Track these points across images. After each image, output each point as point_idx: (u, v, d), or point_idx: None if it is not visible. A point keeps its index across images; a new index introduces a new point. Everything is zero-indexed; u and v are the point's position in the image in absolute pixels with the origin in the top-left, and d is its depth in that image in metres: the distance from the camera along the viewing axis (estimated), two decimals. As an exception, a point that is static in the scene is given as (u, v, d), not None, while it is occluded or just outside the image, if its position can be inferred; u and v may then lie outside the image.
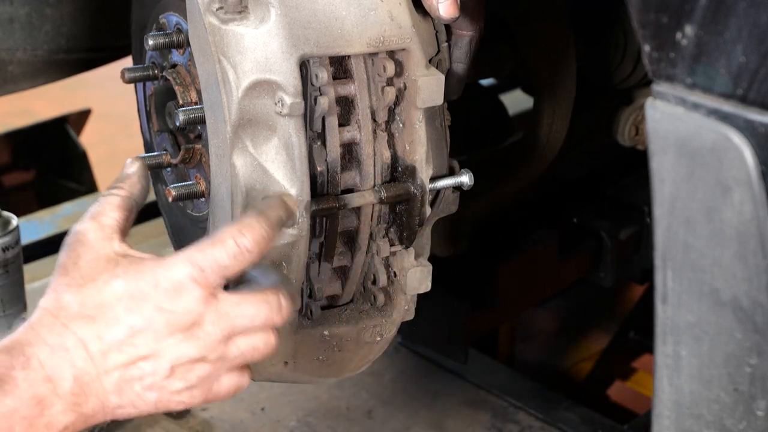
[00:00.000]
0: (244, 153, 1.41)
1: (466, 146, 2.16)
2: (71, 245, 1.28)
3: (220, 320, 1.25)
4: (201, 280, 1.24)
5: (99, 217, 1.30)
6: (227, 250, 1.24)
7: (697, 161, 1.08)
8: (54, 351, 1.22)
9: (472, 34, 1.50)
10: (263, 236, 1.26)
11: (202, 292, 1.24)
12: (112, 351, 1.23)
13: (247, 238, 1.25)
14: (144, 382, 1.25)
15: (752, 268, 1.08)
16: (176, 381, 1.26)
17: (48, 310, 1.25)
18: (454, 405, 2.28)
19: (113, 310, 1.24)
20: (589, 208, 2.41)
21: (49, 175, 3.48)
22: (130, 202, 1.32)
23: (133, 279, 1.24)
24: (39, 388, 1.21)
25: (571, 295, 2.79)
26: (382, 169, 1.47)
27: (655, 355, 1.19)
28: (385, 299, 1.56)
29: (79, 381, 1.23)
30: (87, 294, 1.24)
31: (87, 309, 1.24)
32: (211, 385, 1.28)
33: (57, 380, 1.22)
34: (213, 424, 2.20)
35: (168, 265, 1.25)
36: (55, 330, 1.23)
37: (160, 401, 1.27)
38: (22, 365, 1.21)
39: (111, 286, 1.24)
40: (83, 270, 1.26)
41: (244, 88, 1.38)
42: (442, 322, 2.25)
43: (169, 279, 1.24)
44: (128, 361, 1.24)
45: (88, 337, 1.23)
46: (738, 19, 1.03)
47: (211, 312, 1.24)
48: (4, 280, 2.04)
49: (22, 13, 2.11)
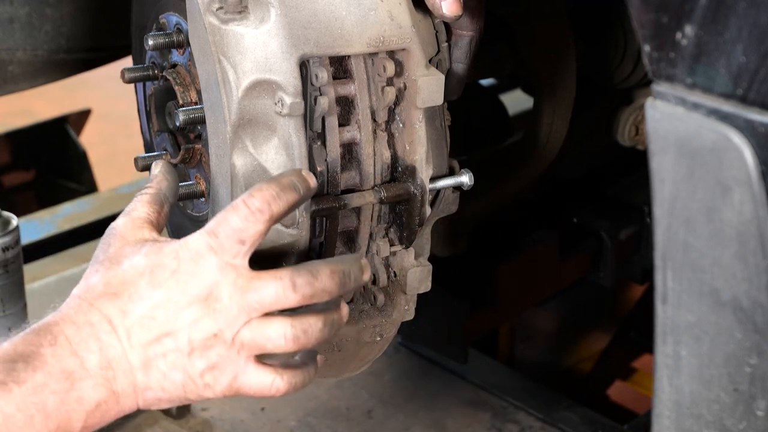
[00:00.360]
0: (244, 153, 1.41)
1: (466, 146, 2.16)
2: (104, 239, 1.33)
3: (235, 292, 1.26)
4: (217, 247, 1.26)
5: (131, 212, 1.35)
6: (238, 213, 1.26)
7: (697, 161, 1.08)
8: (79, 327, 1.25)
9: (472, 34, 1.50)
10: (273, 195, 1.27)
11: (218, 260, 1.26)
12: (135, 326, 1.25)
13: (256, 198, 1.27)
14: (167, 359, 1.26)
15: (752, 268, 1.08)
16: (197, 359, 1.26)
17: (75, 294, 1.29)
18: (454, 405, 2.29)
19: (135, 285, 1.27)
20: (589, 208, 2.41)
21: (49, 175, 3.48)
22: (160, 197, 1.37)
23: (154, 254, 1.28)
24: (67, 362, 1.23)
25: (571, 295, 2.79)
26: (382, 169, 1.47)
27: (655, 355, 1.19)
28: (385, 299, 1.56)
29: (106, 355, 1.24)
30: (112, 274, 1.28)
31: (111, 287, 1.27)
32: (236, 369, 1.28)
33: (83, 354, 1.24)
34: (213, 424, 2.20)
35: (185, 239, 1.28)
36: (82, 309, 1.26)
37: (187, 384, 1.27)
38: (49, 342, 1.23)
39: (133, 263, 1.28)
40: (111, 256, 1.30)
41: (244, 88, 1.38)
42: (442, 322, 2.25)
43: (187, 250, 1.27)
44: (151, 336, 1.26)
45: (111, 313, 1.26)
46: (738, 19, 1.03)
47: (228, 283, 1.26)
48: (4, 280, 2.04)
49: (22, 13, 2.11)
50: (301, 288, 1.27)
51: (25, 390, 1.20)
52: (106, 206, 3.02)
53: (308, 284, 1.28)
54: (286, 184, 1.29)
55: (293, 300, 1.27)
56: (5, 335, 2.07)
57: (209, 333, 1.26)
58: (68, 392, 1.22)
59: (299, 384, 1.32)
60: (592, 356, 2.90)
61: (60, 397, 1.22)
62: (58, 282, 2.62)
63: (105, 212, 2.99)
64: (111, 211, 2.98)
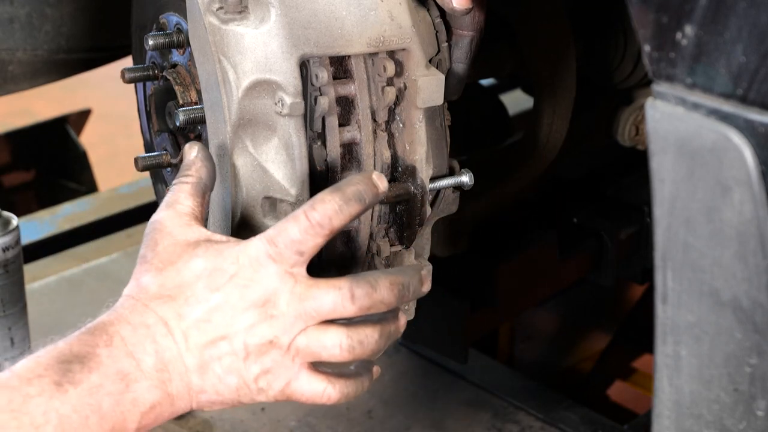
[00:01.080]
0: (244, 153, 1.41)
1: (466, 146, 2.16)
2: (149, 235, 1.30)
3: (293, 300, 1.25)
4: (276, 256, 1.25)
5: (174, 205, 1.32)
6: (299, 225, 1.25)
7: (697, 161, 1.08)
8: (135, 328, 1.24)
9: (472, 34, 1.50)
10: (335, 210, 1.26)
11: (278, 268, 1.25)
12: (192, 329, 1.25)
13: (318, 212, 1.26)
14: (223, 362, 1.25)
15: (752, 268, 1.08)
16: (252, 364, 1.26)
17: (129, 295, 1.27)
18: (454, 405, 2.28)
19: (192, 288, 1.26)
20: (589, 208, 2.41)
21: (49, 175, 3.48)
22: (202, 187, 1.34)
23: (212, 257, 1.26)
24: (122, 363, 1.22)
25: (571, 295, 2.79)
26: (382, 169, 1.47)
27: (655, 355, 1.19)
28: (385, 299, 1.56)
29: (161, 357, 1.24)
30: (167, 276, 1.27)
31: (166, 290, 1.26)
32: (290, 376, 1.27)
33: (139, 356, 1.23)
34: (213, 424, 2.20)
35: (245, 244, 1.27)
36: (137, 310, 1.25)
37: (241, 389, 1.27)
38: (105, 343, 1.23)
39: (190, 265, 1.26)
40: (162, 255, 1.28)
41: (244, 88, 1.38)
42: (442, 322, 2.25)
43: (246, 255, 1.26)
44: (207, 340, 1.25)
45: (168, 315, 1.25)
46: (738, 19, 1.03)
47: (286, 291, 1.25)
48: (4, 280, 2.04)
49: (22, 13, 2.11)
50: (359, 299, 1.27)
51: (81, 391, 1.20)
52: (106, 206, 3.02)
53: (367, 295, 1.27)
54: (350, 195, 1.28)
55: (351, 310, 1.27)
56: (5, 335, 2.08)
57: (265, 339, 1.26)
58: (124, 393, 1.22)
59: (351, 394, 1.31)
60: (592, 356, 2.90)
61: (115, 399, 1.21)
62: (58, 282, 2.62)
63: (105, 212, 2.99)
64: (111, 211, 2.98)
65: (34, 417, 1.17)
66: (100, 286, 2.59)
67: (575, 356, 2.95)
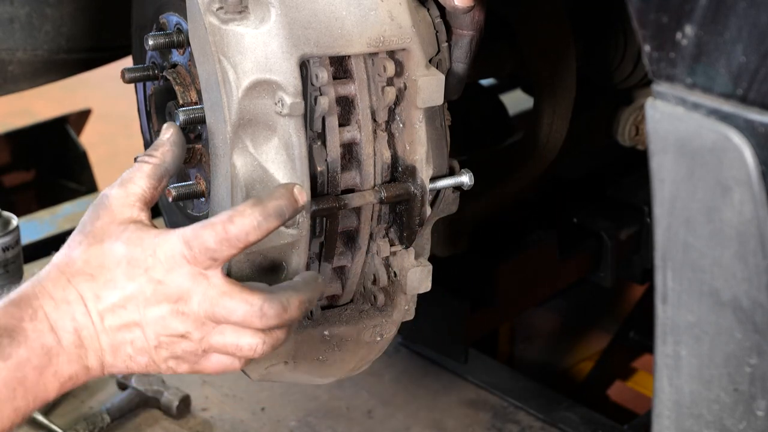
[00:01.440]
0: (244, 153, 1.41)
1: (466, 146, 2.17)
2: (95, 206, 1.35)
3: (205, 302, 1.29)
4: (190, 258, 1.28)
5: (127, 184, 1.35)
6: (215, 234, 1.27)
7: (697, 161, 1.08)
8: (58, 304, 1.29)
9: (472, 33, 1.50)
10: (253, 226, 1.27)
11: (191, 269, 1.29)
12: (107, 312, 1.30)
13: (236, 225, 1.27)
14: (135, 345, 1.31)
15: (752, 268, 1.08)
16: (162, 350, 1.32)
17: (56, 264, 1.32)
18: (454, 405, 2.28)
19: (112, 272, 1.30)
20: (589, 208, 2.41)
21: (49, 175, 3.48)
22: (161, 170, 1.36)
23: (133, 246, 1.30)
24: (46, 338, 1.28)
25: (571, 295, 2.79)
26: (382, 169, 1.47)
27: (655, 355, 1.19)
28: (385, 299, 1.56)
29: (79, 335, 1.29)
30: (92, 253, 1.31)
31: (89, 267, 1.30)
32: (197, 360, 1.33)
33: (60, 332, 1.29)
34: (213, 424, 2.20)
35: (164, 238, 1.30)
36: (60, 284, 1.30)
37: (150, 365, 1.33)
38: (30, 317, 1.28)
39: (113, 248, 1.30)
40: (96, 231, 1.32)
41: (244, 88, 1.38)
42: (442, 322, 2.25)
43: (163, 251, 1.29)
44: (121, 324, 1.30)
45: (87, 295, 1.30)
46: (738, 19, 1.03)
47: (198, 292, 1.29)
48: (4, 280, 2.05)
49: (22, 13, 2.11)
50: (269, 318, 1.30)
51: (10, 364, 1.25)
52: (106, 206, 3.01)
53: (276, 316, 1.30)
54: (271, 210, 1.28)
55: (258, 326, 1.30)
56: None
57: (177, 332, 1.30)
58: (47, 367, 1.28)
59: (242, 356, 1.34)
60: (592, 356, 2.90)
61: (39, 371, 1.27)
62: (58, 282, 2.62)
63: (105, 212, 2.98)
64: (111, 211, 2.97)
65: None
66: (100, 286, 2.59)
67: (575, 356, 2.95)
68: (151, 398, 2.19)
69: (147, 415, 2.19)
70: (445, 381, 2.34)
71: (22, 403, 1.26)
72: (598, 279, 2.39)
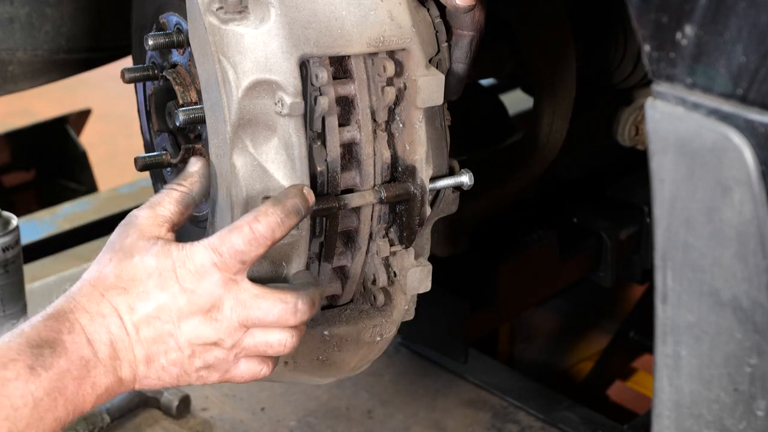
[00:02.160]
0: (244, 153, 1.41)
1: (466, 146, 2.16)
2: (123, 225, 1.39)
3: (237, 307, 1.34)
4: (221, 265, 1.32)
5: (156, 206, 1.40)
6: (243, 236, 1.32)
7: (697, 161, 1.08)
8: (93, 318, 1.32)
9: (472, 33, 1.50)
10: (278, 222, 1.33)
11: (222, 276, 1.33)
12: (142, 323, 1.33)
13: (262, 224, 1.33)
14: (168, 356, 1.35)
15: (752, 268, 1.08)
16: (196, 359, 1.35)
17: (88, 281, 1.36)
18: (454, 405, 2.28)
19: (144, 284, 1.34)
20: (589, 208, 2.41)
21: (49, 175, 3.48)
22: (189, 198, 1.42)
23: (163, 257, 1.34)
24: (84, 351, 1.31)
25: (571, 295, 2.79)
26: (382, 169, 1.47)
27: (655, 355, 1.19)
28: (385, 299, 1.56)
29: (114, 346, 1.33)
30: (123, 268, 1.35)
31: (122, 281, 1.34)
32: (228, 367, 1.37)
33: (97, 344, 1.32)
34: (213, 424, 2.20)
35: (193, 249, 1.34)
36: (93, 299, 1.33)
37: (181, 376, 1.38)
38: (68, 330, 1.31)
39: (144, 261, 1.34)
40: (126, 247, 1.36)
41: (244, 88, 1.38)
42: (442, 322, 2.25)
43: (192, 261, 1.33)
44: (156, 335, 1.34)
45: (121, 307, 1.33)
46: (738, 19, 1.03)
47: (230, 297, 1.33)
48: (4, 280, 2.05)
49: (22, 13, 2.11)
50: (302, 314, 1.36)
51: (52, 375, 1.28)
52: (106, 206, 3.02)
53: (309, 311, 1.36)
54: (290, 208, 1.35)
55: (291, 323, 1.35)
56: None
57: (210, 340, 1.34)
58: (85, 378, 1.31)
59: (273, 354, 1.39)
60: (592, 356, 2.90)
61: (78, 383, 1.30)
62: (58, 282, 2.62)
63: (105, 212, 2.99)
64: (111, 211, 2.98)
65: (13, 400, 1.25)
66: (100, 286, 2.59)
67: (575, 356, 2.95)
68: (150, 398, 2.19)
69: (147, 415, 2.20)
70: (445, 381, 2.34)
71: (63, 414, 1.29)
72: (598, 279, 2.39)
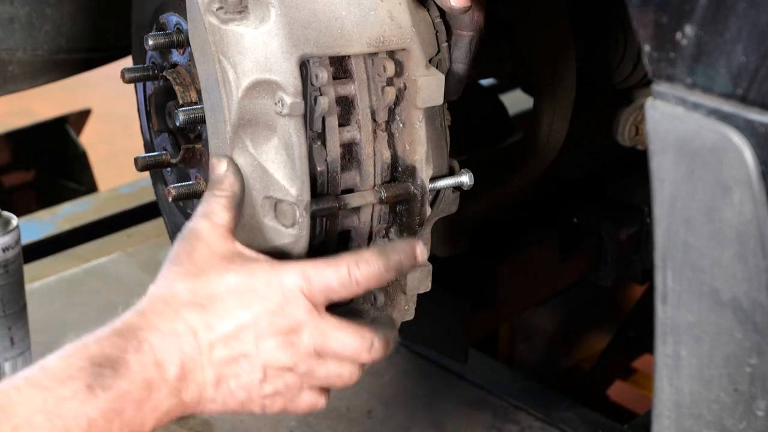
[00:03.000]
0: (244, 153, 1.41)
1: (466, 146, 2.16)
2: (186, 238, 1.32)
3: (316, 335, 1.31)
4: (308, 294, 1.30)
5: (211, 216, 1.34)
6: (339, 275, 1.30)
7: (697, 161, 1.08)
8: (165, 336, 1.26)
9: (472, 34, 1.50)
10: (376, 275, 1.31)
11: (306, 303, 1.30)
12: (219, 343, 1.28)
13: (361, 270, 1.31)
14: (239, 380, 1.30)
15: (752, 268, 1.08)
16: (266, 385, 1.31)
17: (159, 296, 1.29)
18: (454, 405, 2.28)
19: (224, 302, 1.28)
20: (589, 208, 2.40)
21: (49, 175, 3.48)
22: (236, 201, 1.37)
23: (246, 276, 1.29)
24: (149, 372, 1.25)
25: (571, 295, 2.79)
26: (382, 169, 1.47)
27: (655, 355, 1.19)
28: (385, 299, 1.56)
29: (184, 368, 1.27)
30: (199, 284, 1.28)
31: (199, 298, 1.28)
32: (293, 397, 1.34)
33: (165, 365, 1.26)
34: (213, 424, 2.20)
35: (281, 271, 1.30)
36: (167, 316, 1.27)
37: (246, 403, 1.33)
38: (134, 349, 1.25)
39: (224, 279, 1.29)
40: (198, 262, 1.30)
41: (244, 88, 1.38)
42: (442, 322, 2.25)
43: (279, 283, 1.29)
44: (230, 356, 1.29)
45: (198, 325, 1.27)
46: (738, 19, 1.03)
47: (311, 325, 1.30)
48: (4, 280, 2.04)
49: (22, 13, 2.11)
50: (376, 352, 1.34)
51: (110, 396, 1.22)
52: (106, 206, 3.02)
53: (383, 351, 1.35)
54: (393, 264, 1.33)
55: (365, 360, 1.34)
56: (5, 335, 2.08)
57: (284, 364, 1.31)
58: (146, 401, 1.25)
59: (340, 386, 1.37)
60: (592, 356, 2.90)
61: (138, 405, 1.25)
62: (58, 282, 2.62)
63: (105, 212, 2.98)
64: (111, 211, 2.98)
65: (66, 420, 1.19)
66: (100, 286, 2.59)
67: (575, 356, 2.95)
68: (151, 398, 2.19)
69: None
70: (445, 381, 2.34)
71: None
72: (598, 279, 2.39)
